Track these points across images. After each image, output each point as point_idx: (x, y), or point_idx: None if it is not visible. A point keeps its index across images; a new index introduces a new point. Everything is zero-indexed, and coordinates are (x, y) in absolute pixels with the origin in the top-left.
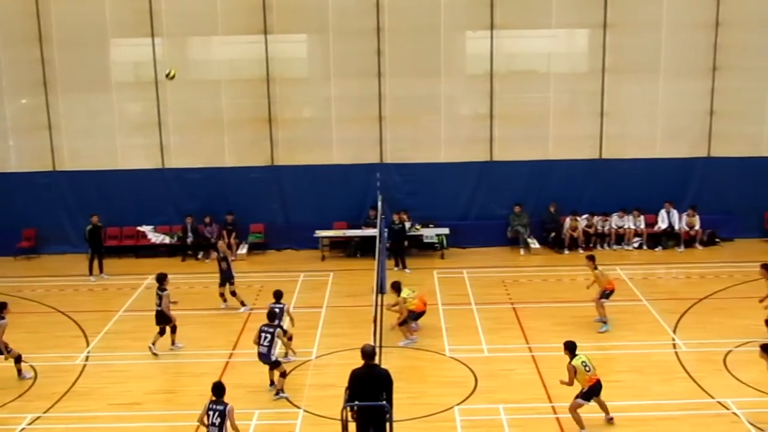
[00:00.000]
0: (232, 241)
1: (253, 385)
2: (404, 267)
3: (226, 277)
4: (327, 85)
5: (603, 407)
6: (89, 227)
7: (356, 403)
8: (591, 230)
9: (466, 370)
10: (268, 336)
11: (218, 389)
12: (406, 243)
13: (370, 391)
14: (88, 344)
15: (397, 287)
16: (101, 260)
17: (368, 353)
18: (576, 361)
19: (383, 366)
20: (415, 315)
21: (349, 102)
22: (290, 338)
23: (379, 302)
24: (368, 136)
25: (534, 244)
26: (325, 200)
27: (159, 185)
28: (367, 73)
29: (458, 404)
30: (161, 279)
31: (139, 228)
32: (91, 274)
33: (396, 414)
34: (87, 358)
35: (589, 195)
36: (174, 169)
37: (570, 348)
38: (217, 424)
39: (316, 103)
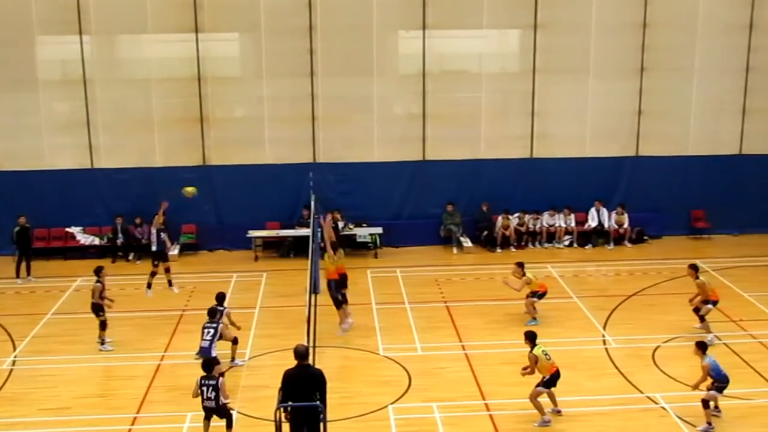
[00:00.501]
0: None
1: (185, 387)
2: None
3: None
4: (259, 84)
5: (553, 399)
6: (17, 228)
7: (290, 403)
8: (522, 229)
9: (400, 369)
10: (211, 331)
11: (208, 365)
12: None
13: (303, 391)
14: (14, 348)
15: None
16: (29, 262)
17: (301, 353)
18: (537, 351)
19: (316, 366)
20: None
21: (282, 101)
22: (235, 341)
23: (313, 302)
24: (301, 135)
25: (467, 242)
26: (257, 200)
27: (88, 186)
28: (299, 72)
29: (392, 403)
30: (97, 271)
31: (67, 229)
32: (18, 276)
33: (330, 414)
34: (14, 363)
35: (521, 194)
36: (103, 169)
37: (531, 338)
38: (213, 397)
39: (249, 102)
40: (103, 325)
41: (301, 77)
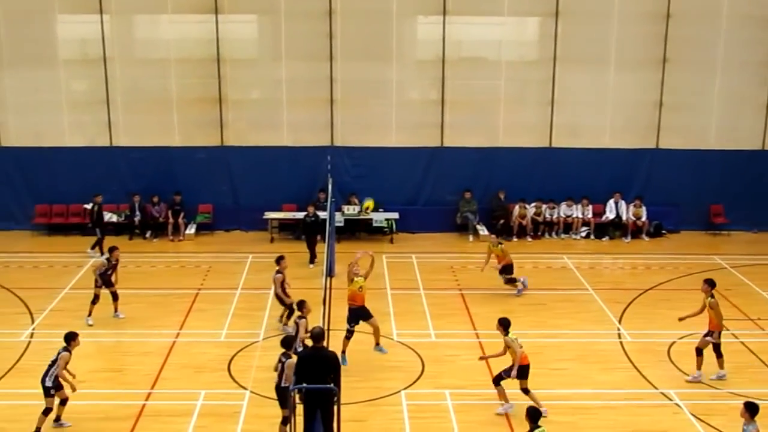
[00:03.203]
0: (180, 221)
1: (198, 365)
2: (313, 261)
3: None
4: (278, 66)
5: (535, 400)
6: (93, 206)
7: (304, 385)
8: (539, 218)
9: (413, 354)
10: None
11: (287, 343)
12: (318, 237)
13: (317, 373)
14: (32, 321)
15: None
16: (102, 239)
17: (317, 335)
18: (510, 336)
19: (331, 349)
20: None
21: (300, 84)
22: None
23: (328, 285)
24: (319, 118)
25: (483, 230)
26: (274, 182)
27: (106, 164)
28: (318, 56)
29: (405, 388)
30: (110, 250)
31: (85, 206)
32: (102, 253)
33: (343, 397)
34: (32, 335)
35: (538, 183)
36: (121, 147)
37: (504, 325)
38: (278, 370)
39: (267, 84)
40: (95, 300)
41: (320, 61)
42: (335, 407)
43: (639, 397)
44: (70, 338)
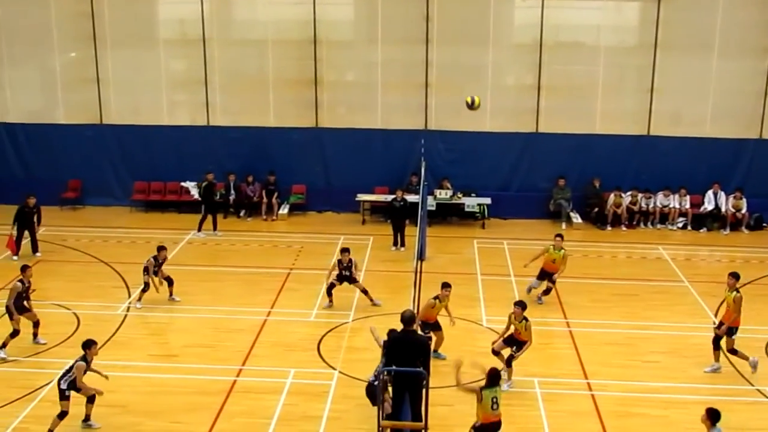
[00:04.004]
0: (274, 201)
1: (288, 344)
2: (402, 245)
3: None
4: (373, 49)
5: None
6: (204, 183)
7: (393, 368)
8: (635, 207)
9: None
10: None
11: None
12: (407, 221)
13: (407, 356)
14: (129, 295)
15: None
16: (215, 217)
17: (407, 319)
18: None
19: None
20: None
21: (395, 67)
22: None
23: (419, 269)
24: (413, 102)
25: (576, 218)
26: (367, 164)
27: (202, 142)
28: (414, 38)
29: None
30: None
31: (182, 184)
32: (199, 230)
33: (431, 381)
34: (128, 309)
35: (634, 171)
36: (218, 127)
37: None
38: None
39: (362, 67)
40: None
41: (416, 44)
42: (424, 391)
43: (734, 393)
44: (87, 346)
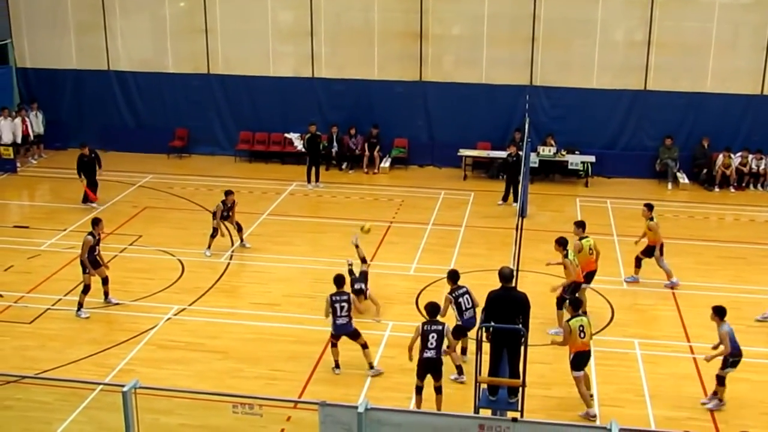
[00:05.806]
0: (376, 154)
1: (387, 297)
2: (516, 201)
3: None
4: (480, 2)
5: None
6: (308, 135)
7: (492, 324)
8: (744, 169)
9: (603, 301)
10: (345, 306)
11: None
12: (520, 178)
13: (506, 313)
14: (232, 244)
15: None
16: (318, 169)
17: (506, 276)
18: (570, 258)
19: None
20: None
21: (502, 21)
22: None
23: (520, 225)
24: (519, 56)
25: (683, 179)
26: (470, 119)
27: (306, 94)
28: None
29: (593, 335)
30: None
31: (286, 135)
32: (309, 181)
33: (530, 338)
34: (231, 257)
35: (746, 132)
36: (322, 79)
37: (562, 243)
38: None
39: (468, 20)
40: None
41: None
42: (522, 348)
43: None
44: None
